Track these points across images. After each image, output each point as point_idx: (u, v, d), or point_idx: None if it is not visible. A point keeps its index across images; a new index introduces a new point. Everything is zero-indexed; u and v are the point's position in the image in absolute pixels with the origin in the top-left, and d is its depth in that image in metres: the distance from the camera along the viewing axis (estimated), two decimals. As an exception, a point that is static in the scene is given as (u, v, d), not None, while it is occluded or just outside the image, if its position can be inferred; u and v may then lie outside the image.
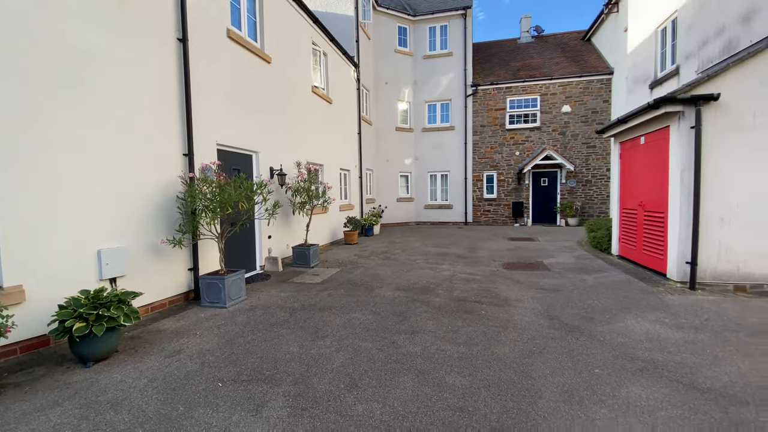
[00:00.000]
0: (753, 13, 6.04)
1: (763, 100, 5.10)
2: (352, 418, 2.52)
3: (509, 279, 6.38)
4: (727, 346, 3.51)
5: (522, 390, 2.83)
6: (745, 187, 5.22)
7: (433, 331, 4.07)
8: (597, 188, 15.79)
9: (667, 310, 4.56)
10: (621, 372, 3.07)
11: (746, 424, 2.35)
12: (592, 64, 15.94)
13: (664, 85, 8.87)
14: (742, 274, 5.29)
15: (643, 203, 6.69)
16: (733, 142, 5.21)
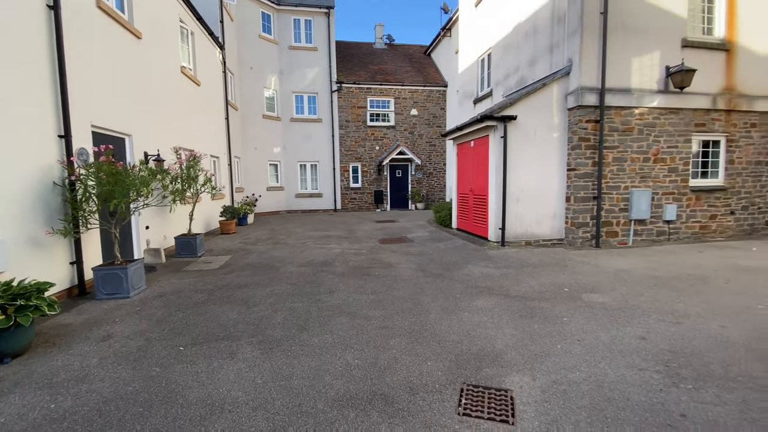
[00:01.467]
0: (534, 60, 9.08)
1: (539, 121, 7.92)
2: (313, 346, 3.40)
3: (387, 250, 7.93)
4: (523, 274, 5.76)
5: (417, 312, 4.22)
6: (530, 178, 8.03)
7: (345, 289, 5.14)
8: (437, 179, 19.40)
9: (491, 259, 6.82)
10: (471, 294, 4.82)
11: (533, 308, 4.30)
12: (433, 77, 19.32)
13: (483, 102, 11.97)
14: (528, 234, 8.15)
15: (473, 189, 9.24)
16: (524, 148, 7.93)
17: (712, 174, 8.46)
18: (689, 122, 8.06)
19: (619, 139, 7.77)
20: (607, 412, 2.35)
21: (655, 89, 7.83)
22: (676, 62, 7.75)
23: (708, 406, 2.38)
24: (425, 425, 2.28)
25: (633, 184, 7.89)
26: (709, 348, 3.18)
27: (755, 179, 8.60)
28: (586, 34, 7.38)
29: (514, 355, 3.14)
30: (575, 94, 7.56)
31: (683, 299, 4.41)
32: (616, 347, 3.23)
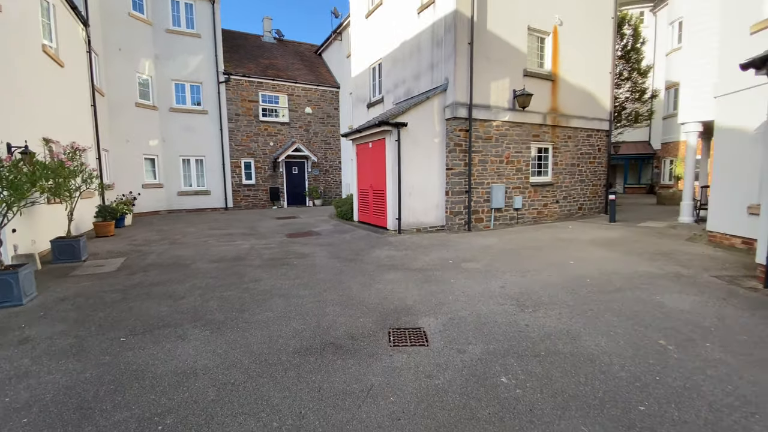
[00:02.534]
0: (419, 75, 10.61)
1: (424, 128, 9.41)
2: (259, 321, 3.88)
3: (298, 243, 8.42)
4: (418, 253, 7.03)
5: (342, 288, 5.00)
6: (419, 176, 9.49)
7: (269, 278, 5.56)
8: (333, 176, 20.20)
9: (392, 244, 7.99)
10: (381, 271, 5.81)
11: (429, 276, 5.50)
12: (325, 77, 19.97)
13: (376, 107, 13.22)
14: (419, 222, 9.63)
15: (372, 186, 10.35)
16: (414, 150, 9.34)
17: (544, 173, 11.31)
18: (529, 133, 10.64)
19: (482, 145, 9.81)
20: (485, 329, 3.56)
21: (506, 107, 10.12)
22: (520, 87, 10.16)
23: (540, 320, 3.79)
24: (369, 355, 3.11)
25: (493, 181, 10.06)
26: (541, 288, 4.78)
27: (571, 177, 11.82)
28: (458, 58, 9.13)
29: (421, 307, 4.20)
30: (451, 107, 9.27)
31: (526, 261, 6.20)
32: (486, 294, 4.59)
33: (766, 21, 6.23)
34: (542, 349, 3.14)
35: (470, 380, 2.70)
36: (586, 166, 12.11)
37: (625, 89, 18.46)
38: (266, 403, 2.47)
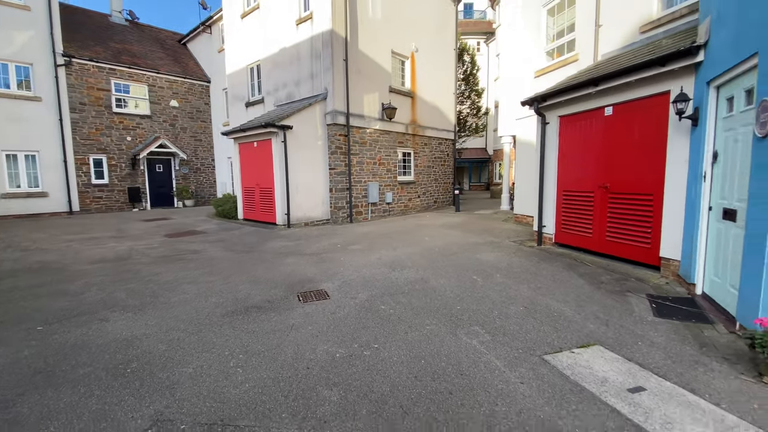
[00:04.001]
0: (300, 81, 11.51)
1: (308, 132, 10.41)
2: (178, 300, 4.41)
3: (183, 241, 8.44)
4: (310, 242, 8.07)
5: (247, 272, 5.73)
6: (305, 174, 10.45)
7: (169, 271, 5.84)
8: (206, 175, 19.21)
9: (284, 236, 8.80)
10: (280, 257, 6.68)
11: (323, 257, 6.63)
12: (193, 69, 18.81)
13: (256, 107, 13.52)
14: (306, 217, 10.61)
15: (259, 183, 10.84)
16: (300, 151, 10.26)
17: (408, 173, 13.60)
18: (395, 140, 12.71)
19: (359, 149, 11.38)
20: (368, 284, 4.92)
21: (377, 117, 11.92)
22: (387, 101, 12.08)
23: (405, 274, 5.36)
24: (286, 309, 4.12)
25: (369, 180, 11.75)
26: (406, 257, 6.44)
27: (428, 176, 14.45)
28: (335, 72, 10.43)
29: (320, 277, 5.33)
30: (331, 114, 10.53)
31: (396, 241, 7.91)
32: (368, 264, 6.00)
33: (543, 69, 9.35)
34: (406, 290, 4.67)
35: (361, 311, 4.00)
36: (438, 167, 14.97)
37: (467, 106, 22.88)
38: (213, 344, 3.27)
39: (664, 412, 2.26)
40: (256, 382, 2.69)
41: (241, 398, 2.49)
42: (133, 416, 2.30)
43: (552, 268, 5.53)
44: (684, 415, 2.23)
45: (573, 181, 6.43)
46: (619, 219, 5.57)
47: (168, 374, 2.79)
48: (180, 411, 2.35)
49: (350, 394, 2.52)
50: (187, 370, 2.84)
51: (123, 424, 2.23)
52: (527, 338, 3.30)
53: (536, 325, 3.55)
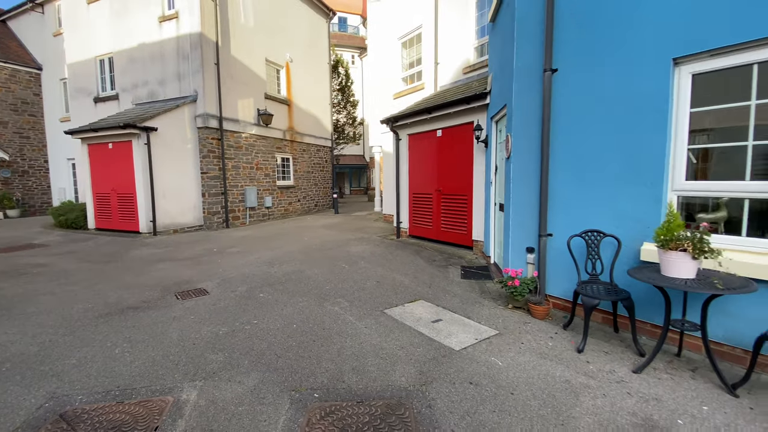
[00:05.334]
0: (165, 81, 10.91)
1: (176, 134, 10.01)
2: (37, 312, 4.21)
3: (21, 256, 7.33)
4: (182, 248, 7.95)
5: (113, 279, 5.58)
6: (173, 179, 10.02)
7: (14, 286, 5.25)
8: (38, 179, 15.98)
9: (150, 244, 8.40)
10: (150, 264, 6.56)
11: (199, 260, 6.78)
12: (17, 53, 15.47)
13: (108, 103, 12.13)
14: (176, 223, 10.16)
15: (116, 188, 9.90)
16: (167, 154, 9.79)
17: (288, 178, 14.08)
18: (273, 145, 13.08)
19: (234, 153, 11.42)
20: (248, 279, 5.46)
21: (253, 122, 12.11)
22: (263, 107, 12.38)
23: (283, 268, 6.04)
24: (165, 306, 4.40)
25: (246, 184, 11.85)
26: (284, 255, 7.09)
27: (308, 181, 15.16)
28: (206, 75, 10.33)
29: (198, 278, 5.61)
30: (202, 117, 10.37)
31: (275, 242, 8.46)
32: (247, 263, 6.47)
33: (400, 92, 11.08)
34: (284, 280, 5.39)
35: (241, 300, 4.58)
36: (318, 173, 15.84)
37: (343, 116, 24.35)
38: (92, 340, 3.46)
39: (449, 330, 3.59)
40: (145, 360, 3.10)
41: (133, 372, 2.90)
42: (25, 398, 2.52)
43: (403, 253, 6.97)
44: (459, 329, 3.60)
45: (419, 186, 8.09)
46: (449, 214, 7.37)
47: (50, 366, 2.96)
48: (73, 389, 2.66)
49: (234, 354, 3.18)
50: (70, 362, 3.05)
51: (17, 404, 2.45)
52: (375, 301, 4.43)
53: (383, 292, 4.74)
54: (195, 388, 2.67)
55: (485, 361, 2.99)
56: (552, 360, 2.99)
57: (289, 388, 2.67)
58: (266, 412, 2.41)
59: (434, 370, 2.86)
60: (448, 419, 2.30)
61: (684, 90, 3.05)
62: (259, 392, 2.63)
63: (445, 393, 2.57)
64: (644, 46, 3.18)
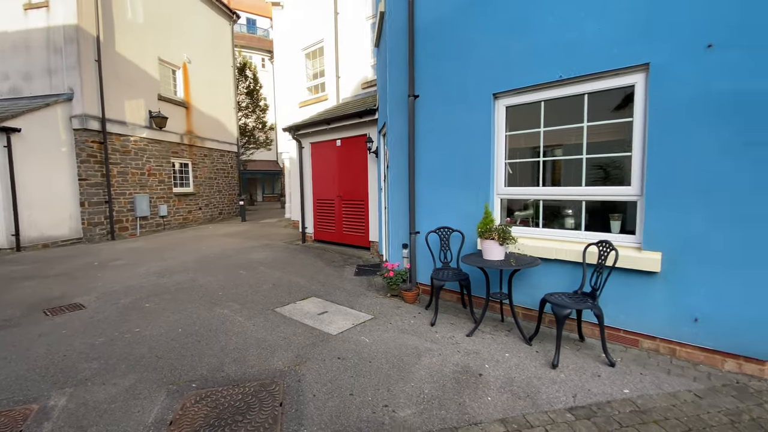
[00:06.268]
0: (31, 76, 9.56)
1: (47, 136, 8.86)
2: None
3: None
4: (54, 264, 7.12)
5: None
6: (43, 186, 8.84)
7: None
8: None
9: (12, 261, 7.34)
10: (12, 283, 5.82)
11: (74, 276, 6.20)
12: None
13: (-50, 96, 10.14)
14: (46, 236, 8.95)
15: (-37, 198, 8.37)
16: (34, 159, 8.61)
17: (186, 184, 13.28)
18: (169, 150, 12.27)
19: (121, 158, 10.49)
20: (133, 291, 5.25)
21: (144, 125, 11.25)
22: (156, 109, 11.58)
23: (174, 278, 5.90)
24: (31, 323, 4.08)
25: (135, 191, 10.94)
26: (178, 265, 6.86)
27: (211, 188, 14.46)
28: (85, 72, 9.37)
29: (72, 293, 5.20)
30: (80, 118, 9.36)
31: (169, 253, 8.06)
32: (133, 276, 6.14)
33: (305, 101, 11.37)
34: (173, 290, 5.31)
35: (124, 311, 4.45)
36: (222, 179, 15.21)
37: (252, 120, 23.62)
38: (-68, 366, 3.13)
39: (332, 319, 4.06)
40: (7, 375, 2.95)
41: (-13, 389, 2.76)
42: None
43: (305, 257, 7.30)
44: (341, 318, 4.09)
45: (322, 192, 8.51)
46: (349, 218, 7.92)
47: None
48: None
49: (110, 361, 3.20)
50: None
51: None
52: (268, 302, 4.70)
53: (277, 294, 5.02)
54: (64, 395, 2.68)
55: (355, 340, 3.51)
56: (410, 333, 3.64)
57: (167, 383, 2.84)
58: (140, 405, 2.57)
59: (309, 353, 3.29)
60: (313, 387, 2.75)
61: (501, 118, 4.00)
62: (135, 390, 2.76)
63: (315, 369, 3.01)
64: (476, 82, 4.07)
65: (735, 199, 2.71)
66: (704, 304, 2.88)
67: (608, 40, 3.19)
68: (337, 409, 2.48)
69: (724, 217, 2.76)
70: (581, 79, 3.41)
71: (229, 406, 2.53)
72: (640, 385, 2.67)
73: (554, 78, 3.52)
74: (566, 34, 3.41)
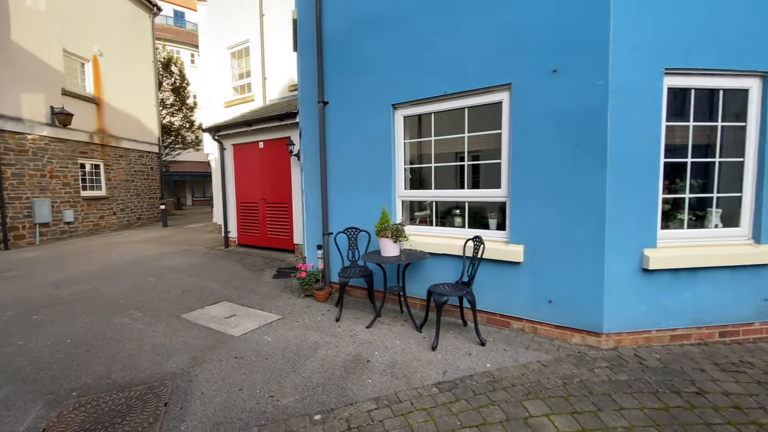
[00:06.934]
0: None
1: None
2: None
3: None
4: (-77, 278, 6.21)
5: None
6: None
7: None
8: None
9: None
10: None
11: None
12: None
13: None
14: None
15: None
16: None
17: (97, 188, 12.18)
18: (75, 150, 11.17)
19: (16, 158, 9.37)
20: (21, 303, 4.79)
21: (44, 122, 10.14)
22: (59, 105, 10.49)
23: (73, 289, 5.46)
24: None
25: (34, 195, 9.82)
26: (80, 274, 6.34)
27: (127, 191, 13.39)
28: (-36, 61, 8.25)
29: (-58, 309, 4.63)
30: (-40, 112, 8.23)
31: (71, 262, 7.39)
32: (26, 287, 5.58)
33: (231, 101, 11.04)
34: (69, 300, 4.94)
35: (7, 325, 4.07)
36: (141, 182, 14.16)
37: (179, 118, 22.22)
38: None
39: (238, 322, 4.09)
40: None
41: None
42: None
43: (225, 262, 7.14)
44: (248, 320, 4.14)
45: (245, 195, 8.38)
46: (274, 221, 7.90)
47: None
48: None
49: (-21, 378, 2.96)
50: None
51: None
52: (174, 308, 4.58)
53: (186, 300, 4.91)
54: None
55: (258, 340, 3.61)
56: (313, 330, 3.82)
57: (46, 393, 2.73)
58: (13, 416, 2.46)
59: (207, 355, 3.32)
60: (202, 386, 2.81)
61: (399, 127, 4.36)
62: (8, 401, 2.62)
63: (209, 369, 3.07)
64: (378, 93, 4.38)
65: (575, 200, 3.28)
66: (556, 287, 3.44)
67: (481, 62, 3.66)
68: (222, 404, 2.58)
69: (567, 214, 3.32)
70: (462, 95, 3.86)
71: (109, 410, 2.51)
72: (501, 359, 3.12)
73: (440, 93, 3.94)
74: (448, 55, 3.84)
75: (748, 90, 3.31)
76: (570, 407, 2.45)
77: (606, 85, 3.06)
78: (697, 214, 3.50)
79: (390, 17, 4.22)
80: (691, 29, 3.11)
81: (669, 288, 3.26)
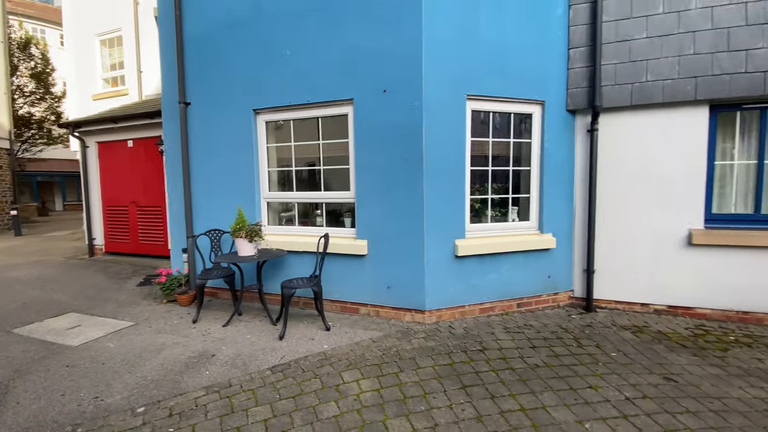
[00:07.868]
0: None
1: None
2: None
3: None
4: None
5: None
6: None
7: None
8: None
9: None
10: None
11: None
12: None
13: None
14: None
15: None
16: None
17: None
18: None
19: None
20: None
21: None
22: None
23: None
24: None
25: None
26: None
27: (-39, 194, 11.08)
28: None
29: None
30: None
31: None
32: None
33: (100, 94, 9.90)
34: None
35: None
36: (-17, 183, 11.85)
37: (43, 109, 18.99)
38: None
39: (82, 332, 3.87)
40: None
41: None
42: None
43: (84, 272, 6.49)
44: (94, 329, 3.93)
45: (113, 198, 7.68)
46: (146, 226, 7.40)
47: None
48: None
49: None
50: None
51: None
52: (5, 323, 4.11)
53: (23, 314, 4.42)
54: None
55: (98, 348, 3.48)
56: (165, 333, 3.81)
57: None
58: None
59: (33, 367, 3.12)
60: (20, 396, 2.68)
61: (262, 131, 4.57)
62: None
63: (31, 380, 2.91)
64: (240, 97, 4.52)
65: (403, 200, 3.87)
66: (392, 275, 4.00)
67: (328, 77, 4.07)
68: (39, 410, 2.52)
69: (398, 212, 3.90)
70: (315, 105, 4.23)
71: None
72: (339, 340, 3.55)
73: (297, 102, 4.26)
74: (302, 68, 4.18)
75: (531, 114, 4.29)
76: (379, 372, 2.95)
77: (421, 105, 3.70)
78: (501, 211, 4.39)
79: (251, 24, 4.41)
80: (483, 66, 3.92)
81: (477, 270, 4.05)
